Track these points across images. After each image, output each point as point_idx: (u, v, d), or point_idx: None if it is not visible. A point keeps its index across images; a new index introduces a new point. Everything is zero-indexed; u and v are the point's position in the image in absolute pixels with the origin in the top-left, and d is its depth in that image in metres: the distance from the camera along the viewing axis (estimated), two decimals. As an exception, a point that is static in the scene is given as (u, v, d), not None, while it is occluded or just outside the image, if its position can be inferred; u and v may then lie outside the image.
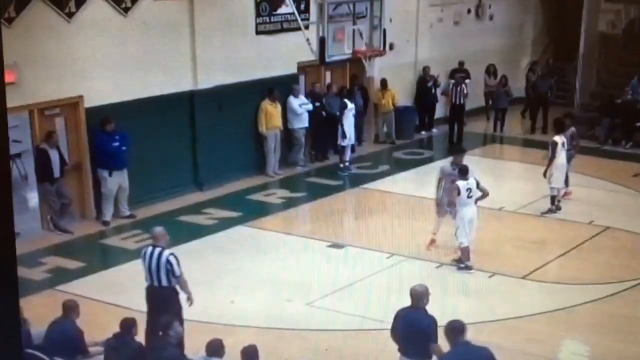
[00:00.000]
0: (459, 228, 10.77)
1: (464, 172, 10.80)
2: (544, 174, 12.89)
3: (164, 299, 8.09)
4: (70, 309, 7.53)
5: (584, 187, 14.78)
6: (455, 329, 6.40)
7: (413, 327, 6.96)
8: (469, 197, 10.70)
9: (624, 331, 9.47)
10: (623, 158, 16.71)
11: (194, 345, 7.27)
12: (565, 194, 13.57)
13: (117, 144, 12.39)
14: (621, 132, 17.65)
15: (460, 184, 10.66)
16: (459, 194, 10.67)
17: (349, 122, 15.72)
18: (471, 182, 10.73)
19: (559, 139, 12.81)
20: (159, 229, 8.44)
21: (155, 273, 8.08)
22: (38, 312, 8.16)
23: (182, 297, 8.25)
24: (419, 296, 6.98)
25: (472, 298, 10.29)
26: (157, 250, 8.13)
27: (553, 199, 12.97)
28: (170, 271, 8.05)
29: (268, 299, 10.12)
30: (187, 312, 8.74)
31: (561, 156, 12.78)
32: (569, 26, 20.82)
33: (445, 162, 12.27)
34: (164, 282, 8.10)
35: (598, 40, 20.76)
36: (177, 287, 8.19)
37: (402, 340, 7.07)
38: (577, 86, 19.95)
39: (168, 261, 8.04)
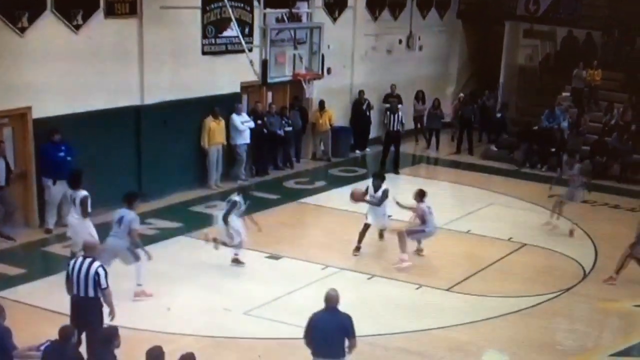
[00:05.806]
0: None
1: (379, 177, 11.97)
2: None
3: (89, 309, 7.75)
4: None
5: (504, 206, 14.96)
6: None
7: (332, 327, 7.09)
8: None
9: (540, 342, 9.48)
10: (539, 180, 16.86)
11: (134, 353, 6.92)
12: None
13: (62, 154, 12.00)
14: (538, 156, 17.95)
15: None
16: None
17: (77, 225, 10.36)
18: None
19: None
20: (91, 240, 8.03)
21: (83, 283, 7.72)
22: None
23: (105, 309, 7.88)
24: (334, 299, 7.23)
25: (401, 308, 10.21)
26: (87, 261, 7.77)
27: None
28: (97, 282, 7.70)
29: (207, 307, 9.82)
30: (128, 320, 8.40)
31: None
32: (491, 58, 21.21)
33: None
34: (91, 293, 7.74)
35: (517, 72, 21.23)
36: (102, 299, 7.83)
37: (321, 341, 7.10)
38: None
39: (97, 273, 7.69)
